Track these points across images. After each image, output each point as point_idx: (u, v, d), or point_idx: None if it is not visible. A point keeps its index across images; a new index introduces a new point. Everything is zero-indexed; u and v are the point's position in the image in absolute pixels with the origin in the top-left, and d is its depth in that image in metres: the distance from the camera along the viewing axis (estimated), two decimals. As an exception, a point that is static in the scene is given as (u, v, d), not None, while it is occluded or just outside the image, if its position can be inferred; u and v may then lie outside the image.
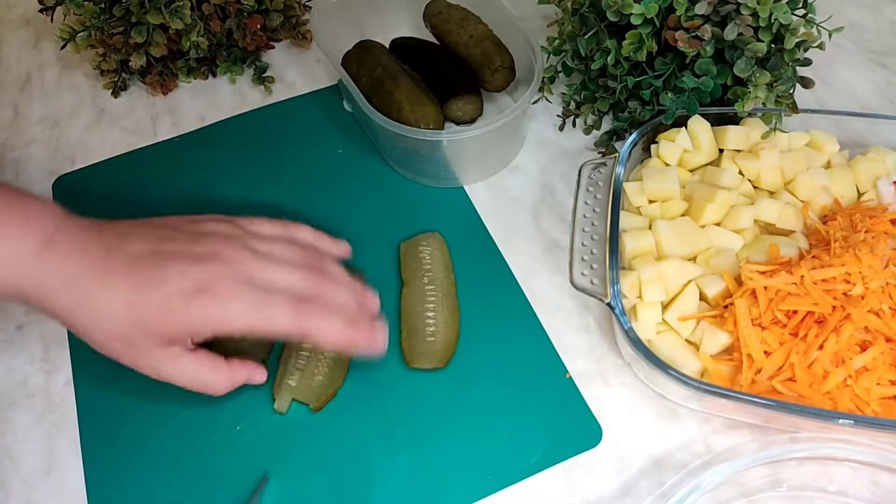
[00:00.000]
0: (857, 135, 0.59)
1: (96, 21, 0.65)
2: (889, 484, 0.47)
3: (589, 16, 0.58)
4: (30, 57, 0.77)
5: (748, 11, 0.52)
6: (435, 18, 0.70)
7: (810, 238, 0.53)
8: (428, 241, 0.59)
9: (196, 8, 0.67)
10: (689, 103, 0.56)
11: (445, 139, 0.58)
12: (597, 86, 0.64)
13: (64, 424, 0.52)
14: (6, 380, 0.54)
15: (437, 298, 0.55)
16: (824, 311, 0.47)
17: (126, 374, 0.54)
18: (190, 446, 0.51)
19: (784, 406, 0.45)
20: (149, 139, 0.69)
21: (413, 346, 0.53)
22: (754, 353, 0.47)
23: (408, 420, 0.51)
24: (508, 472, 0.49)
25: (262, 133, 0.68)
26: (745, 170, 0.56)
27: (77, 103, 0.72)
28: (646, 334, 0.50)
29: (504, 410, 0.51)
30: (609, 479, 0.49)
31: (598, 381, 0.53)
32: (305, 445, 0.51)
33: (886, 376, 0.46)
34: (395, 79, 0.63)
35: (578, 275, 0.50)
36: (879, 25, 0.75)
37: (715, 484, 0.45)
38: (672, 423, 0.51)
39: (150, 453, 0.51)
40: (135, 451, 0.51)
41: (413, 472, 0.49)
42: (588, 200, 0.54)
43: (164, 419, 0.52)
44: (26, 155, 0.69)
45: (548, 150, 0.66)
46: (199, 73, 0.73)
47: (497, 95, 0.69)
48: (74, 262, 0.44)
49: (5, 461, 0.51)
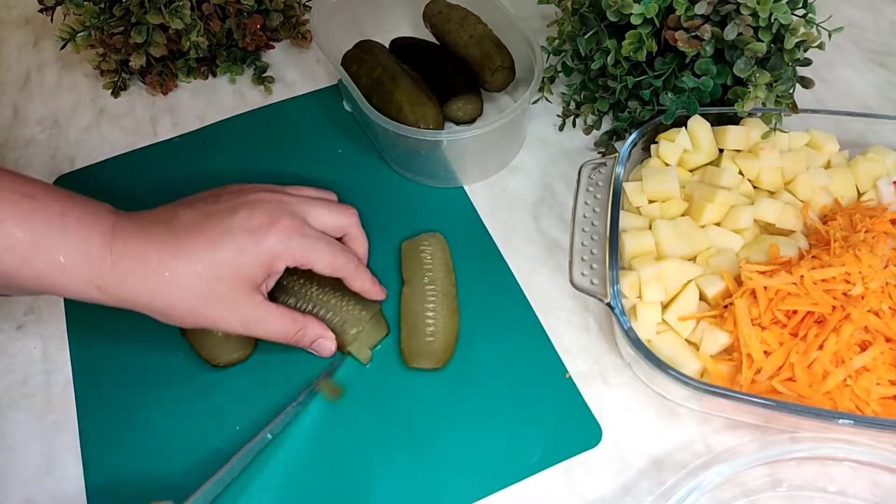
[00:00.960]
0: (857, 135, 0.59)
1: (96, 21, 0.65)
2: (889, 484, 0.47)
3: (589, 16, 0.58)
4: (30, 57, 0.77)
5: (748, 11, 0.52)
6: (435, 18, 0.70)
7: (810, 238, 0.53)
8: (429, 240, 0.59)
9: (196, 8, 0.67)
10: (689, 103, 0.56)
11: (445, 139, 0.58)
12: (597, 86, 0.64)
13: (64, 424, 0.52)
14: (6, 380, 0.54)
15: (438, 298, 0.55)
16: (824, 311, 0.47)
17: (126, 373, 0.54)
18: (190, 447, 0.51)
19: (784, 406, 0.45)
20: (149, 139, 0.69)
21: (413, 346, 0.53)
22: (754, 353, 0.47)
23: (408, 420, 0.51)
24: (508, 472, 0.49)
25: (262, 133, 0.69)
26: (745, 170, 0.56)
27: (77, 103, 0.72)
28: (646, 334, 0.50)
29: (504, 410, 0.51)
30: (609, 479, 0.49)
31: (598, 381, 0.53)
32: (306, 445, 0.51)
33: (886, 376, 0.46)
34: (395, 79, 0.63)
35: (578, 275, 0.50)
36: (879, 25, 0.75)
37: (715, 484, 0.45)
38: (672, 423, 0.51)
39: (151, 453, 0.51)
40: (135, 452, 0.51)
41: (413, 472, 0.49)
42: (588, 200, 0.54)
43: (164, 420, 0.52)
44: (26, 155, 0.69)
45: (548, 150, 0.66)
46: (199, 73, 0.73)
47: (497, 95, 0.69)
48: (139, 245, 0.46)
49: (5, 461, 0.51)
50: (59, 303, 0.58)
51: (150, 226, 0.48)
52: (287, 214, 0.50)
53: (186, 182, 0.65)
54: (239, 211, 0.49)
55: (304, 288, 0.55)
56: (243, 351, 0.54)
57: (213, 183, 0.64)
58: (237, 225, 0.48)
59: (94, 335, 0.56)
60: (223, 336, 0.54)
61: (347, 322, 0.54)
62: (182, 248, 0.47)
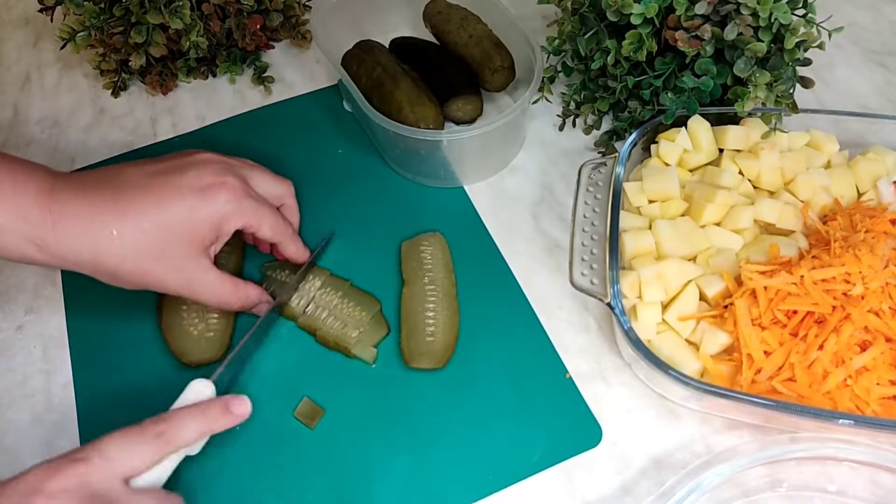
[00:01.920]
0: (857, 135, 0.59)
1: (96, 21, 0.65)
2: (889, 484, 0.47)
3: (589, 16, 0.58)
4: (30, 57, 0.77)
5: (748, 11, 0.52)
6: (435, 18, 0.70)
7: (810, 238, 0.53)
8: (429, 241, 0.59)
9: (196, 8, 0.67)
10: (689, 103, 0.56)
11: (445, 139, 0.58)
12: (597, 86, 0.64)
13: (64, 424, 0.52)
14: (6, 380, 0.54)
15: (438, 299, 0.55)
16: (824, 311, 0.47)
17: (126, 373, 0.54)
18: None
19: (784, 406, 0.45)
20: (149, 139, 0.69)
21: (413, 346, 0.53)
22: (754, 353, 0.47)
23: (408, 420, 0.51)
24: (508, 472, 0.49)
25: (262, 133, 0.68)
26: (745, 170, 0.56)
27: (77, 103, 0.72)
28: (646, 334, 0.50)
29: (504, 410, 0.51)
30: (609, 479, 0.49)
31: (598, 381, 0.53)
32: (306, 445, 0.51)
33: (886, 376, 0.46)
34: (395, 79, 0.63)
35: (578, 275, 0.50)
36: (879, 25, 0.75)
37: (715, 484, 0.45)
38: (672, 423, 0.51)
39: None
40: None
41: (413, 472, 0.49)
42: (588, 200, 0.54)
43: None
44: (26, 155, 0.68)
45: (548, 150, 0.66)
46: (198, 73, 0.73)
47: (497, 95, 0.69)
48: (81, 203, 0.46)
49: (5, 461, 0.51)
50: (60, 303, 0.58)
51: (92, 184, 0.47)
52: (235, 176, 0.50)
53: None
54: (188, 170, 0.48)
55: (307, 286, 0.56)
56: (216, 352, 0.54)
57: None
58: (186, 184, 0.47)
59: (94, 335, 0.56)
60: (198, 335, 0.54)
61: (349, 325, 0.54)
62: (128, 206, 0.46)
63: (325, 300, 0.55)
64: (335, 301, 0.55)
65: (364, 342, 0.54)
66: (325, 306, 0.55)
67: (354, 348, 0.53)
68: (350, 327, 0.54)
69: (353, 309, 0.55)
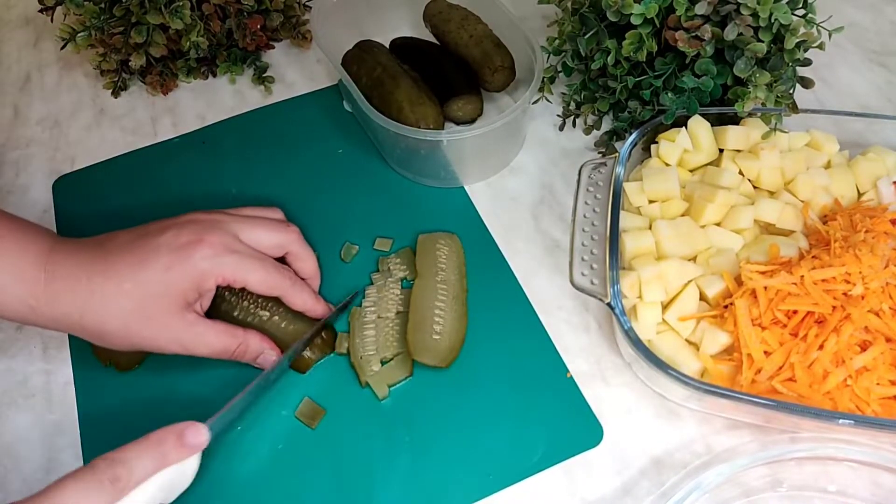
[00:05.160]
0: (857, 135, 0.59)
1: (96, 21, 0.65)
2: (889, 484, 0.47)
3: (589, 16, 0.58)
4: (30, 57, 0.77)
5: (748, 11, 0.52)
6: (435, 18, 0.70)
7: (810, 238, 0.53)
8: (446, 240, 0.59)
9: (196, 8, 0.67)
10: (689, 103, 0.56)
11: (445, 139, 0.58)
12: (597, 86, 0.64)
13: (64, 424, 0.52)
14: (6, 380, 0.55)
15: (448, 300, 0.55)
16: (824, 311, 0.47)
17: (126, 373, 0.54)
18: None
19: (784, 406, 0.45)
20: (149, 139, 0.69)
21: (417, 340, 0.53)
22: (754, 353, 0.47)
23: (409, 420, 0.51)
24: (509, 472, 0.49)
25: (262, 133, 0.68)
26: (745, 170, 0.56)
27: (77, 103, 0.72)
28: (646, 334, 0.50)
29: (505, 410, 0.51)
30: (609, 479, 0.49)
31: (599, 380, 0.53)
32: (307, 445, 0.51)
33: (886, 376, 0.46)
34: (395, 79, 0.63)
35: (578, 275, 0.50)
36: (879, 25, 0.75)
37: (715, 484, 0.45)
38: (672, 423, 0.51)
39: (151, 453, 0.51)
40: (135, 451, 0.51)
41: (414, 472, 0.49)
42: (588, 200, 0.54)
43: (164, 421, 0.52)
44: (26, 155, 0.69)
45: (548, 150, 0.66)
46: (199, 73, 0.73)
47: (497, 95, 0.69)
48: (73, 264, 0.47)
49: (5, 461, 0.51)
50: (60, 303, 0.58)
51: (84, 247, 0.49)
52: (217, 232, 0.49)
53: (186, 182, 0.65)
54: (167, 230, 0.49)
55: (242, 302, 0.54)
56: (137, 356, 0.54)
57: (213, 183, 0.65)
58: (164, 243, 0.48)
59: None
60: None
61: (374, 356, 0.53)
62: (110, 267, 0.47)
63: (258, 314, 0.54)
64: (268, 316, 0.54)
65: (382, 378, 0.53)
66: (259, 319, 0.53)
67: (370, 378, 0.53)
68: (374, 362, 0.53)
69: (294, 324, 0.53)
